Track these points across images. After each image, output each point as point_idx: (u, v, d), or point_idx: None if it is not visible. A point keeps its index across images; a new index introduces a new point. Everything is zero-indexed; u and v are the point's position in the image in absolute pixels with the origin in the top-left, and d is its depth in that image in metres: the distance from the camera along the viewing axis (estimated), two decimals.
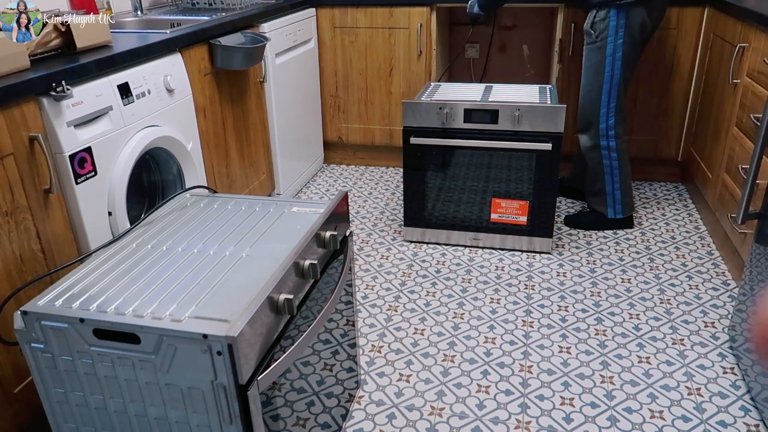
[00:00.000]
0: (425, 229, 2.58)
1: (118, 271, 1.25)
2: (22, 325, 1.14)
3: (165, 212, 1.52)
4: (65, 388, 1.18)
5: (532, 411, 1.70)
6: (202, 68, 2.19)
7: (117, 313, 1.10)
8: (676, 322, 2.06)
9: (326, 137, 3.39)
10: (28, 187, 1.46)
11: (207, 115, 2.24)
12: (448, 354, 1.93)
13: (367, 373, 1.86)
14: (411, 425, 1.66)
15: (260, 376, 1.09)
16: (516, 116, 2.30)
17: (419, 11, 2.98)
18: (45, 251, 1.53)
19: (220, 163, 2.36)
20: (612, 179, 2.56)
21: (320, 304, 1.38)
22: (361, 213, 2.90)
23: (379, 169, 3.44)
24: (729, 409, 1.69)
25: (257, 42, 2.41)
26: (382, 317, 2.13)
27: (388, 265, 2.45)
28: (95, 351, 1.12)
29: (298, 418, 1.33)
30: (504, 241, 2.52)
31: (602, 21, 2.36)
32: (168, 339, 1.06)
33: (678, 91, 2.92)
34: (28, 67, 1.53)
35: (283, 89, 2.81)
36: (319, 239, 1.35)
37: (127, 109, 1.75)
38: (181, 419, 1.13)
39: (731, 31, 2.40)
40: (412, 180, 2.51)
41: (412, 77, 3.13)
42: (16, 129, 1.42)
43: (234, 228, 1.43)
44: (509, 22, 3.43)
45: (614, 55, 2.37)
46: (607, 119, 2.47)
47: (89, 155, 1.62)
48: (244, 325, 1.02)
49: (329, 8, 3.10)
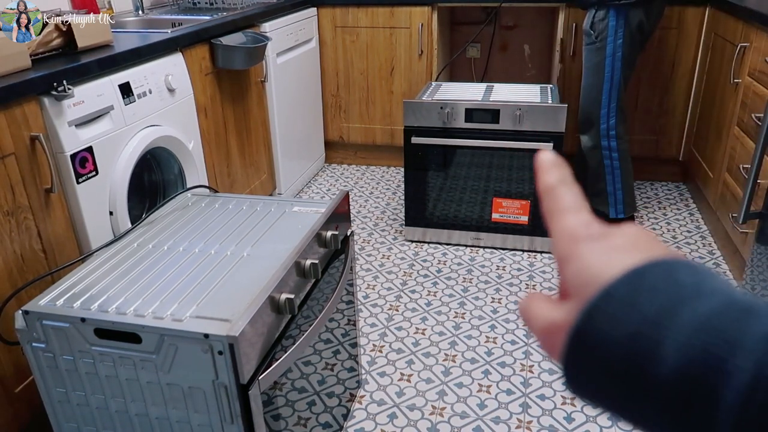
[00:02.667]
0: (426, 228, 2.58)
1: (119, 270, 1.25)
2: (23, 324, 1.14)
3: (166, 212, 1.52)
4: (66, 388, 1.18)
5: (533, 410, 1.70)
6: (203, 68, 2.19)
7: (118, 312, 1.10)
8: None
9: (327, 137, 3.39)
10: (29, 186, 1.46)
11: (208, 115, 2.24)
12: (449, 353, 1.93)
13: (368, 373, 1.86)
14: (412, 425, 1.66)
15: (261, 375, 1.09)
16: (517, 116, 2.30)
17: (420, 11, 2.98)
18: (46, 251, 1.53)
19: (221, 162, 2.36)
20: (613, 179, 2.56)
21: (321, 304, 1.38)
22: (362, 213, 2.90)
23: (380, 168, 3.43)
24: None
25: (258, 41, 2.41)
26: (384, 317, 2.13)
27: (390, 265, 2.45)
28: (96, 350, 1.12)
29: (300, 418, 1.33)
30: (505, 241, 2.52)
31: (601, 21, 2.35)
32: (169, 339, 1.06)
33: (679, 91, 2.91)
34: (29, 66, 1.53)
35: (284, 89, 2.81)
36: (320, 239, 1.35)
37: (128, 109, 1.75)
38: (182, 419, 1.13)
39: (732, 30, 2.39)
40: (413, 179, 2.51)
41: (413, 77, 3.12)
42: (18, 129, 1.42)
43: (235, 228, 1.42)
44: (510, 21, 3.43)
45: (614, 55, 2.37)
46: (607, 119, 2.47)
47: (90, 155, 1.62)
48: (246, 324, 1.02)
49: (330, 8, 3.10)
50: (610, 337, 0.27)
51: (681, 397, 0.25)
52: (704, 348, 0.24)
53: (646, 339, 0.26)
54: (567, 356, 0.29)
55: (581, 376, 0.29)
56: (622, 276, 0.28)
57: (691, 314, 0.25)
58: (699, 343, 0.25)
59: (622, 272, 0.28)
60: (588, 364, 0.28)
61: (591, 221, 0.33)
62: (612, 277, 0.28)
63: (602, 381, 0.28)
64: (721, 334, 0.24)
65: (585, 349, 0.28)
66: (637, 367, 0.26)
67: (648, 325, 0.26)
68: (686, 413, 0.25)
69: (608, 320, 0.27)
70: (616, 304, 0.27)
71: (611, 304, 0.28)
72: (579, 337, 0.28)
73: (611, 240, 0.31)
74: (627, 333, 0.26)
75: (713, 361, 0.24)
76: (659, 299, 0.27)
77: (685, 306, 0.26)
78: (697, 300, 0.26)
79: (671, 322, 0.26)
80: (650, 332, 0.26)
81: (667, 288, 0.27)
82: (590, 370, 0.28)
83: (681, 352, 0.25)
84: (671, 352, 0.25)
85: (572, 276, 0.31)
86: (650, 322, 0.26)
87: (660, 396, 0.25)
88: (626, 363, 0.26)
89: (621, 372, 0.27)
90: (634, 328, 0.26)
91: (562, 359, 0.29)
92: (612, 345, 0.27)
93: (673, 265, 0.28)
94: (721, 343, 0.24)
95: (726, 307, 0.25)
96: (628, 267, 0.28)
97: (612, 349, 0.27)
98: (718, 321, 0.25)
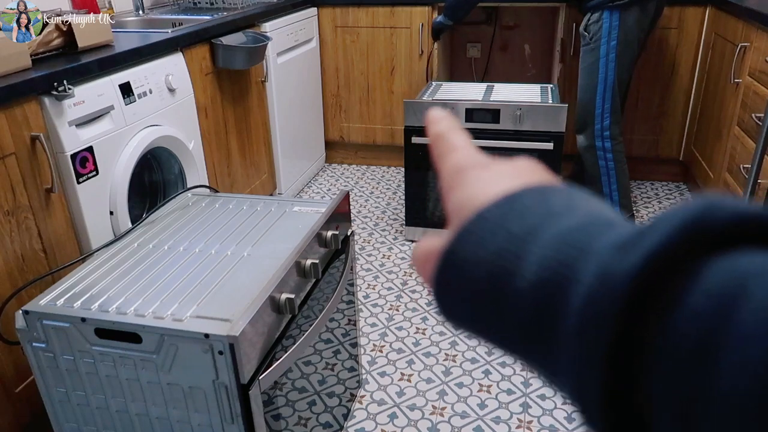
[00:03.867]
0: (427, 228, 2.58)
1: (119, 270, 1.25)
2: (23, 324, 1.14)
3: (166, 212, 1.52)
4: (67, 388, 1.18)
5: (533, 410, 1.70)
6: (204, 68, 2.19)
7: (118, 312, 1.10)
8: None
9: (328, 137, 3.39)
10: (29, 186, 1.46)
11: (208, 115, 2.24)
12: (449, 353, 1.93)
13: (368, 373, 1.86)
14: (412, 425, 1.66)
15: (262, 375, 1.09)
16: (517, 116, 2.30)
17: (420, 10, 2.98)
18: (46, 251, 1.53)
19: (222, 162, 2.36)
20: (609, 180, 2.55)
21: (322, 304, 1.38)
22: (362, 212, 2.90)
23: (381, 168, 3.43)
24: None
25: (259, 41, 2.41)
26: (384, 317, 2.13)
27: (390, 265, 2.45)
28: (97, 350, 1.12)
29: (300, 418, 1.33)
30: None
31: (595, 23, 2.36)
32: (169, 338, 1.06)
33: (679, 91, 2.91)
34: (29, 66, 1.53)
35: (285, 89, 2.81)
36: (320, 239, 1.35)
37: (128, 109, 1.75)
38: (183, 419, 1.13)
39: (733, 30, 2.39)
40: (414, 179, 2.51)
41: (413, 77, 3.12)
42: (18, 128, 1.42)
43: (235, 227, 1.42)
44: (511, 21, 3.43)
45: (607, 56, 2.37)
46: (602, 120, 2.47)
47: (91, 155, 1.62)
48: (246, 324, 1.02)
49: (331, 8, 3.10)
50: (476, 256, 0.27)
51: (536, 310, 0.25)
52: (559, 259, 0.24)
53: (510, 255, 0.26)
54: (435, 277, 0.29)
55: (448, 297, 0.29)
56: (496, 200, 0.28)
57: (554, 230, 0.25)
58: (556, 255, 0.24)
59: (498, 196, 0.28)
60: (454, 285, 0.28)
61: (478, 154, 0.33)
62: (487, 201, 0.29)
63: (467, 301, 0.28)
64: (577, 244, 0.24)
65: (452, 269, 0.28)
66: (498, 283, 0.26)
67: (513, 242, 0.26)
68: (539, 326, 0.25)
69: (476, 241, 0.27)
70: (485, 225, 0.28)
71: (481, 225, 0.28)
72: (447, 258, 0.28)
73: (495, 168, 0.31)
74: (492, 251, 0.27)
75: (565, 270, 0.24)
76: (528, 220, 0.27)
77: (550, 223, 0.26)
78: (564, 217, 0.26)
79: (535, 237, 0.26)
80: (515, 249, 0.26)
81: (538, 210, 0.27)
82: (456, 291, 0.28)
83: (539, 264, 0.25)
84: (531, 266, 0.25)
85: (454, 203, 0.31)
86: (516, 239, 0.26)
87: (518, 311, 0.25)
88: (489, 281, 0.26)
89: (484, 290, 0.27)
90: (499, 246, 0.26)
91: (431, 281, 0.30)
92: (477, 263, 0.27)
93: (548, 189, 0.28)
94: (575, 252, 0.24)
95: (589, 222, 0.25)
96: (505, 192, 0.29)
97: (477, 267, 0.27)
98: (578, 234, 0.25)
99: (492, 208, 0.28)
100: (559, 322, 0.24)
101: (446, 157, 0.34)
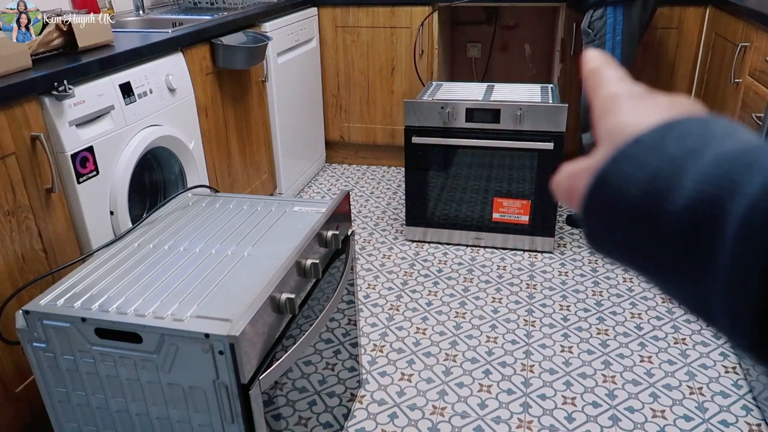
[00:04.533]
0: (427, 228, 2.58)
1: (119, 270, 1.25)
2: (23, 324, 1.14)
3: (167, 211, 1.52)
4: (67, 388, 1.18)
5: (534, 410, 1.70)
6: (204, 68, 2.19)
7: (119, 312, 1.10)
8: (678, 321, 2.06)
9: (328, 136, 3.39)
10: (29, 186, 1.46)
11: (209, 115, 2.24)
12: (449, 353, 1.93)
13: (369, 373, 1.86)
14: (413, 424, 1.66)
15: (262, 375, 1.09)
16: (518, 115, 2.30)
17: (421, 10, 2.98)
18: (47, 250, 1.53)
19: (222, 162, 2.36)
20: None
21: (322, 304, 1.38)
22: (362, 212, 2.90)
23: (381, 168, 3.43)
24: (731, 408, 1.68)
25: (259, 41, 2.41)
26: (384, 316, 2.13)
27: (390, 265, 2.45)
28: (97, 350, 1.12)
29: (300, 418, 1.33)
30: (506, 241, 2.52)
31: (599, 20, 2.36)
32: (170, 338, 1.06)
33: (680, 91, 2.91)
34: (30, 66, 1.53)
35: (285, 89, 2.81)
36: (320, 239, 1.35)
37: (128, 109, 1.75)
38: (183, 419, 1.13)
39: (733, 30, 2.39)
40: (414, 179, 2.51)
41: (413, 77, 3.12)
42: (18, 128, 1.42)
43: (236, 227, 1.42)
44: (511, 21, 3.43)
45: (613, 52, 2.37)
46: None
47: (91, 154, 1.62)
48: (246, 324, 1.02)
49: (331, 7, 3.10)
50: (632, 177, 0.27)
51: (694, 223, 0.25)
52: (721, 175, 0.24)
53: (668, 174, 0.26)
54: (587, 196, 0.29)
55: (598, 217, 0.29)
56: (654, 126, 0.28)
57: (716, 151, 0.26)
58: (718, 171, 0.25)
59: (656, 123, 0.29)
60: (607, 204, 0.28)
61: (634, 86, 0.34)
62: (644, 128, 0.29)
63: (618, 220, 0.28)
64: (740, 161, 0.25)
65: (605, 188, 0.28)
66: (655, 199, 0.26)
67: (672, 162, 0.26)
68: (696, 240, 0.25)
69: (632, 163, 0.28)
70: (642, 149, 0.28)
71: (638, 149, 0.28)
72: (602, 178, 0.28)
73: (651, 98, 0.32)
74: (650, 171, 0.27)
75: (728, 183, 0.24)
76: (689, 143, 0.27)
77: (712, 145, 0.26)
78: (726, 141, 0.26)
79: (696, 158, 0.26)
80: (674, 168, 0.26)
81: (700, 134, 0.27)
82: (608, 210, 0.28)
83: (699, 180, 0.25)
84: (690, 183, 0.25)
85: (607, 128, 0.31)
86: (675, 160, 0.26)
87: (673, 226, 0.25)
88: (644, 197, 0.26)
89: (638, 207, 0.27)
90: (657, 166, 0.27)
91: (582, 201, 0.29)
92: (633, 182, 0.27)
93: (709, 118, 0.29)
94: (739, 168, 0.24)
95: (752, 146, 0.26)
96: (663, 119, 0.29)
97: (632, 186, 0.27)
98: (742, 154, 0.25)
99: (650, 134, 0.28)
100: (717, 234, 0.24)
101: (601, 88, 0.35)
